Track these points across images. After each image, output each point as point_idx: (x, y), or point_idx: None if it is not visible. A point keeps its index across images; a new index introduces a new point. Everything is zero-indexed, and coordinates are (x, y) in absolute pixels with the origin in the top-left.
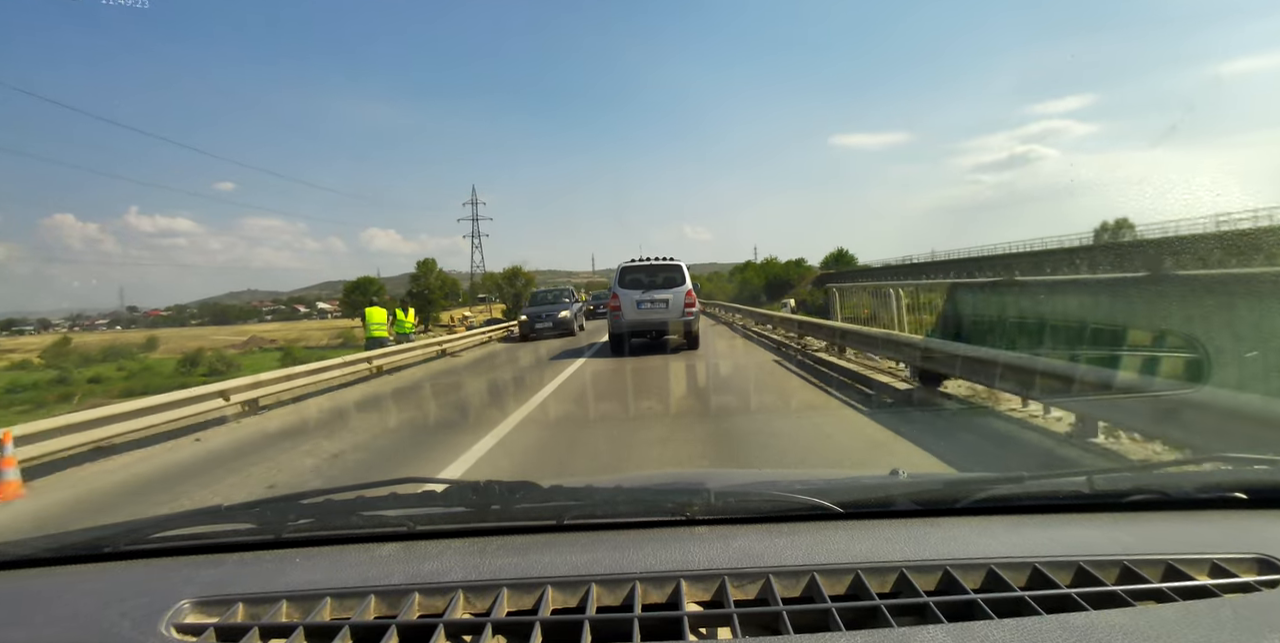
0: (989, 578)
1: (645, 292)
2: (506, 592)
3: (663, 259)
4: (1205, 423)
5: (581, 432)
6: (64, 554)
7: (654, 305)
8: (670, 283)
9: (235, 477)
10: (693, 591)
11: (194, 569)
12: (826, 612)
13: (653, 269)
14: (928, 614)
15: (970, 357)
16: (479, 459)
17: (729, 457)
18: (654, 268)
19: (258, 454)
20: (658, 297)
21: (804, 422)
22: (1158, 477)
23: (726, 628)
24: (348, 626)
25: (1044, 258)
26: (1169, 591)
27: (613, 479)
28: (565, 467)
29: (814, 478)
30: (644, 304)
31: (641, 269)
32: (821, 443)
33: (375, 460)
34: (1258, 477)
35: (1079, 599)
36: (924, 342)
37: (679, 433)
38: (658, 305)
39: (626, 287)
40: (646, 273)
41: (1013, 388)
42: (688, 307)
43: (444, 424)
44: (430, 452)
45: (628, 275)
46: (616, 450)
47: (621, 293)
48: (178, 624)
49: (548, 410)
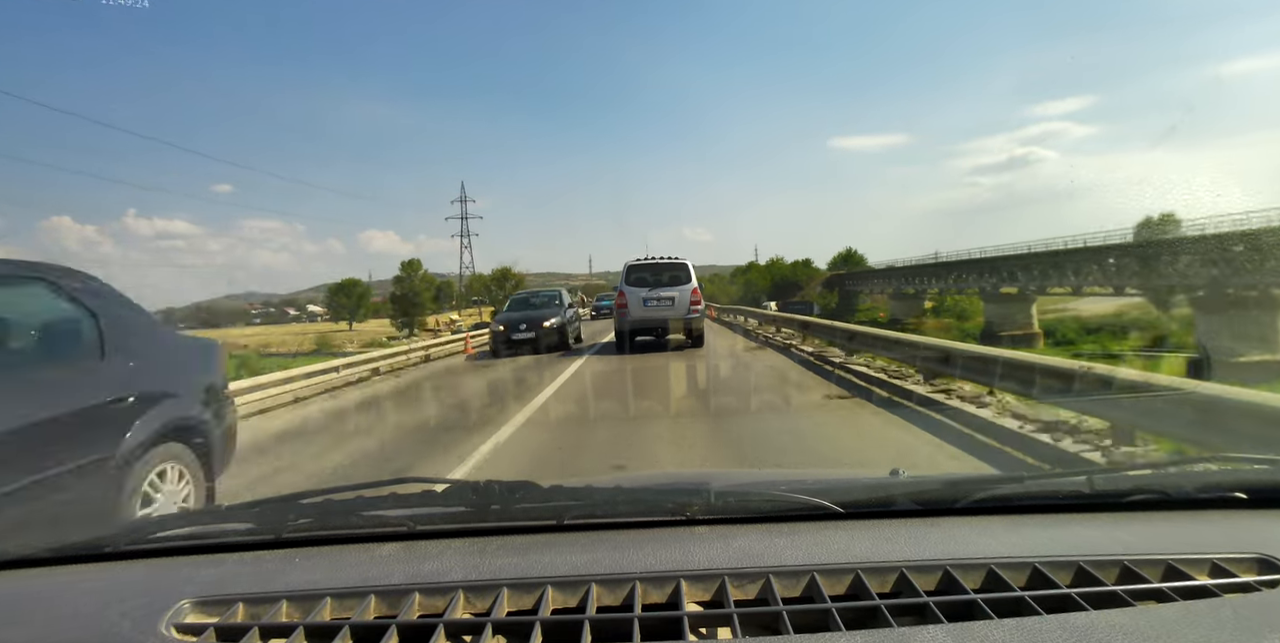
0: (989, 578)
1: (651, 290)
2: (506, 592)
3: (668, 258)
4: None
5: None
6: (64, 554)
7: (660, 303)
8: (676, 281)
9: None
10: (693, 591)
11: (194, 569)
12: (826, 612)
13: (659, 267)
14: (928, 614)
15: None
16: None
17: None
18: (660, 266)
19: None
20: (663, 294)
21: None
22: (1158, 477)
23: (726, 628)
24: (348, 626)
25: (1064, 258)
26: (1169, 591)
27: (613, 479)
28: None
29: (814, 478)
30: (650, 302)
31: (647, 268)
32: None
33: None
34: (1258, 477)
35: (1079, 599)
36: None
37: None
38: (663, 303)
39: (633, 285)
40: (652, 271)
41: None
42: (693, 304)
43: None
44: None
45: (634, 273)
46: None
47: (628, 290)
48: (178, 624)
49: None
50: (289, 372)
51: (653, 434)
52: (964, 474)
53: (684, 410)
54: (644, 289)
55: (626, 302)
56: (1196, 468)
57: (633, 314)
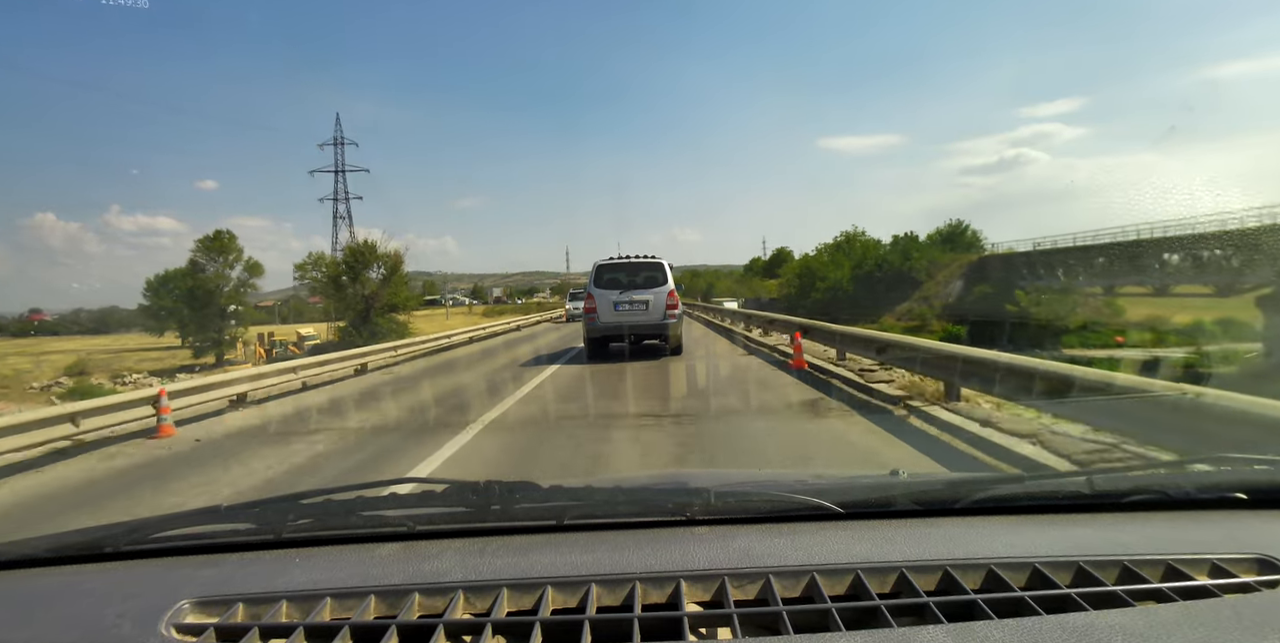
0: (989, 578)
1: (623, 292)
2: (506, 592)
3: (643, 257)
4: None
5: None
6: (64, 554)
7: (633, 307)
8: (651, 283)
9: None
10: (693, 591)
11: (194, 569)
12: (826, 612)
13: (632, 268)
14: (928, 615)
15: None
16: None
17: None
18: (634, 266)
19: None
20: (637, 298)
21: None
22: (1158, 477)
23: (726, 628)
24: (348, 626)
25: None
26: (1169, 591)
27: (612, 479)
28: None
29: (814, 478)
30: (622, 306)
31: (620, 268)
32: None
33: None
34: (1258, 477)
35: (1079, 599)
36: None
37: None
38: (636, 307)
39: (603, 287)
40: (626, 272)
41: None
42: (670, 308)
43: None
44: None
45: (605, 274)
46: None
47: (598, 293)
48: (178, 624)
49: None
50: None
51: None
52: (964, 475)
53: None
54: (615, 291)
55: (596, 305)
56: (1196, 468)
57: (602, 319)
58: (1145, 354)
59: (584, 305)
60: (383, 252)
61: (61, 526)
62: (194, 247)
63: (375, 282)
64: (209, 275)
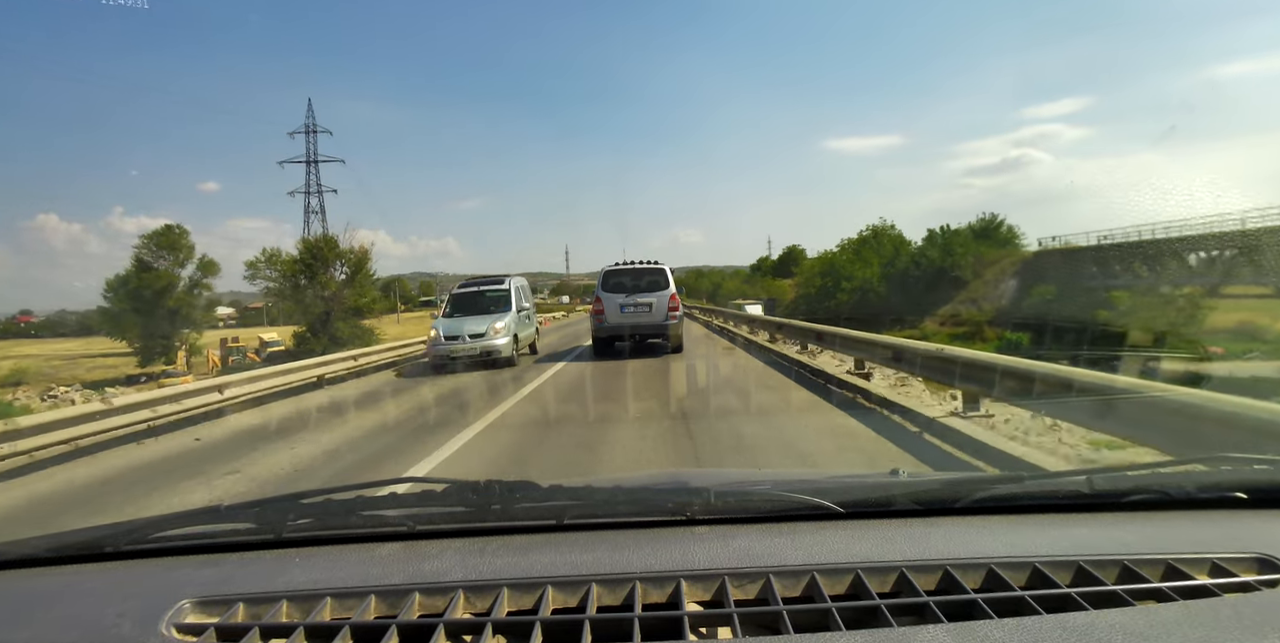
0: (989, 578)
1: (628, 295)
2: (506, 592)
3: (646, 263)
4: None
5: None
6: (64, 554)
7: (637, 309)
8: (654, 287)
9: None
10: (693, 590)
11: (194, 569)
12: (827, 612)
13: (636, 273)
14: (928, 614)
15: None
16: None
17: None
18: (638, 272)
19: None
20: (641, 300)
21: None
22: (1158, 477)
23: (727, 628)
24: (348, 626)
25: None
26: (1169, 590)
27: (612, 479)
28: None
29: (814, 478)
30: (627, 308)
31: (625, 273)
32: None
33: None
34: (1258, 477)
35: (1079, 599)
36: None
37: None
38: (640, 309)
39: (610, 290)
40: (630, 277)
41: None
42: (671, 311)
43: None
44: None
45: (611, 279)
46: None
47: (605, 296)
48: (178, 624)
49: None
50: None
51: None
52: (964, 474)
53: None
54: (621, 295)
55: (603, 308)
56: (1196, 468)
57: (609, 320)
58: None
59: (592, 307)
60: (345, 248)
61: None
62: (138, 243)
63: (338, 282)
64: (156, 274)
